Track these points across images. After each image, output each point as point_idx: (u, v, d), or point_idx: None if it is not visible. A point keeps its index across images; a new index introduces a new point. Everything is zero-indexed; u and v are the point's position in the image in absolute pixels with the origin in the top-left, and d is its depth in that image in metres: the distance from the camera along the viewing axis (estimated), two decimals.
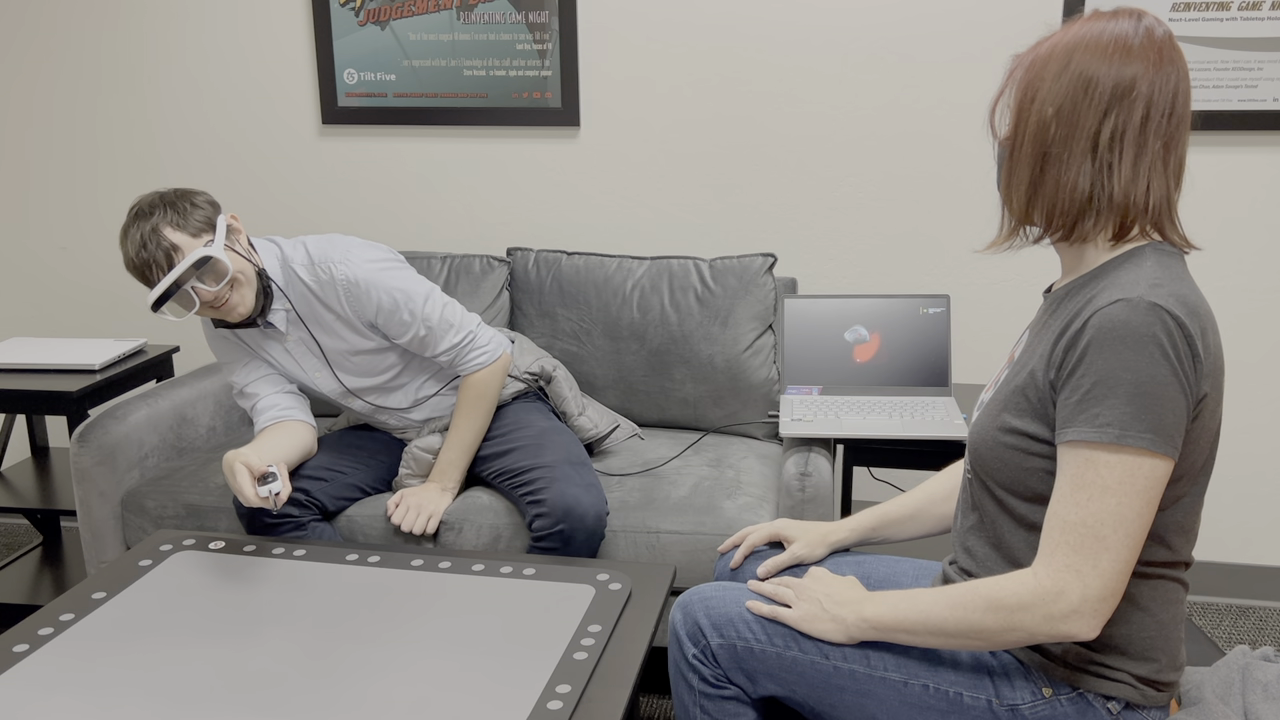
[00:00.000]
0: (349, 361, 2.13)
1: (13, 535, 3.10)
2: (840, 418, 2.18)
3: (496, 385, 2.13)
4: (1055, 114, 1.21)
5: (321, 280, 2.04)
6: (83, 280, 3.03)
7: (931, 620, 1.25)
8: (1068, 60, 1.22)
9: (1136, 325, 1.14)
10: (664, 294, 2.46)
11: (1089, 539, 1.15)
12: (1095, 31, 1.22)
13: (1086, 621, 1.16)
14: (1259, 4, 2.36)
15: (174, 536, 1.88)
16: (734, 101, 2.63)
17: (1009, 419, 1.26)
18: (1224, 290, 2.55)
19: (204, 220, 1.94)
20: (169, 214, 1.90)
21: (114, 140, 2.91)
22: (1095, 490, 1.15)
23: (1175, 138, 1.21)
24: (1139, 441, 1.13)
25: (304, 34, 2.76)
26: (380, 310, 2.04)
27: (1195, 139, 2.48)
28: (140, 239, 1.88)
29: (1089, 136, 1.20)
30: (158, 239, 1.88)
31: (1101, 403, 1.14)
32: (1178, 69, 1.21)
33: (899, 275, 2.67)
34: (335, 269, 2.03)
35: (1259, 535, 2.68)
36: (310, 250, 2.06)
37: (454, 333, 2.09)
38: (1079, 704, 1.26)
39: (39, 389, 2.38)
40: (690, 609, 1.43)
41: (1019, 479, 1.26)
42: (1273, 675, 1.38)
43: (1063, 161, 1.22)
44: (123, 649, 1.51)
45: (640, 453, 2.37)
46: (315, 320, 2.08)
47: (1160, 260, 1.22)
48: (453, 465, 2.12)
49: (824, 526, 1.61)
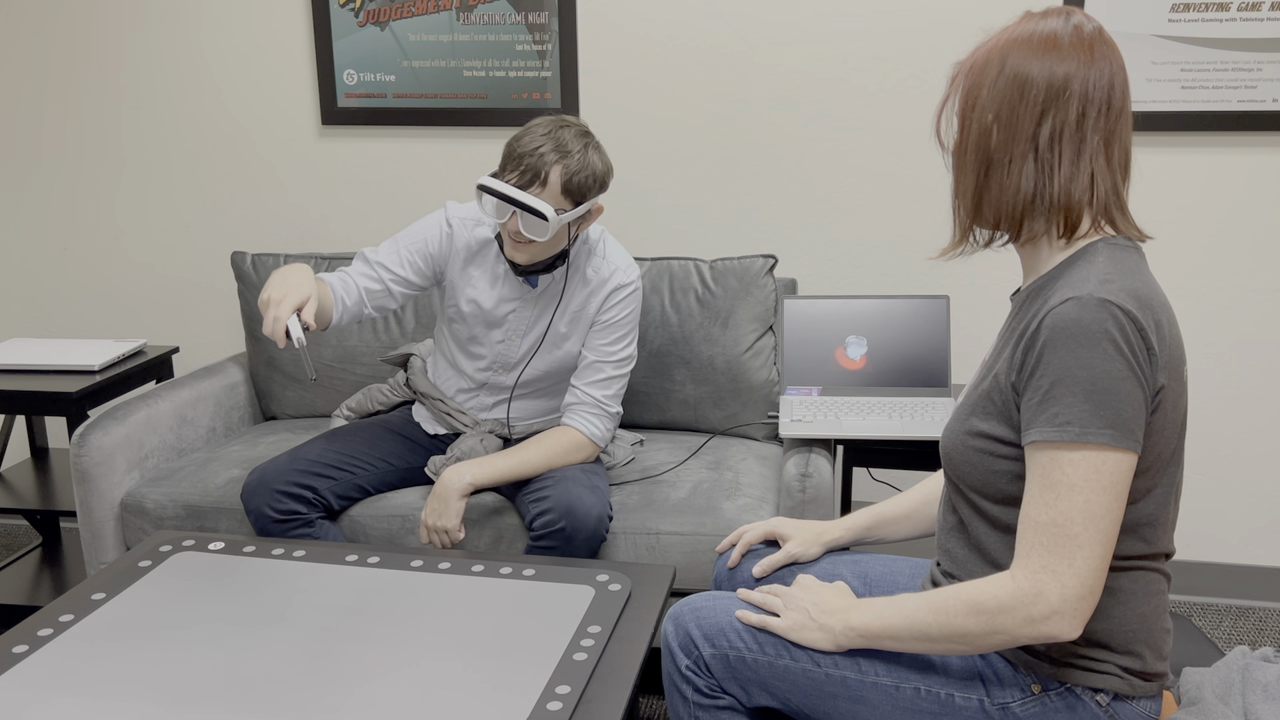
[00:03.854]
0: (550, 351, 2.14)
1: (12, 536, 3.10)
2: (840, 418, 2.18)
3: (579, 457, 2.10)
4: (994, 119, 1.23)
5: (601, 276, 2.10)
6: (83, 280, 3.03)
7: (916, 626, 1.26)
8: (1002, 64, 1.23)
9: (1088, 323, 1.15)
10: (664, 295, 2.46)
11: (1061, 538, 1.16)
12: (1026, 33, 1.24)
13: (1067, 622, 1.16)
14: (1259, 4, 2.36)
15: (174, 537, 1.87)
16: (734, 102, 2.63)
17: (976, 423, 1.28)
18: (1223, 291, 2.55)
19: (583, 190, 1.95)
20: (571, 160, 1.91)
21: (114, 140, 2.91)
22: (1062, 489, 1.16)
23: (1116, 131, 1.23)
24: (1099, 438, 1.14)
25: (304, 34, 2.76)
26: (613, 319, 2.10)
27: (1195, 139, 2.48)
28: (538, 146, 1.90)
29: (1028, 139, 1.22)
30: (543, 163, 1.90)
31: (1060, 402, 1.16)
32: (1110, 63, 1.22)
33: (899, 276, 2.67)
34: (617, 274, 2.10)
35: (1259, 535, 2.68)
36: (609, 250, 2.12)
37: (608, 393, 2.11)
38: (1068, 699, 1.27)
39: (39, 389, 2.38)
40: (681, 620, 1.43)
41: (989, 481, 1.27)
42: (1273, 675, 1.38)
43: (1005, 166, 1.23)
44: (122, 650, 1.51)
45: (640, 459, 2.37)
46: (566, 304, 2.11)
47: (1112, 255, 1.22)
48: (493, 470, 2.02)
49: (819, 525, 1.62)
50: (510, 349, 2.14)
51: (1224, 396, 2.61)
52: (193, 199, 2.92)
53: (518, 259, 2.00)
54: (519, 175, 1.91)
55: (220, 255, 2.95)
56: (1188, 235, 2.53)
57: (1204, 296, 2.56)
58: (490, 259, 2.11)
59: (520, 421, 2.24)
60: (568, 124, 1.95)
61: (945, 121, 1.30)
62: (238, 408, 2.64)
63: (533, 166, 1.90)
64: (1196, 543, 2.71)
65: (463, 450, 2.14)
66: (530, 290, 2.10)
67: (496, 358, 2.15)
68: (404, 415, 2.30)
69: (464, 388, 2.22)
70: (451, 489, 1.97)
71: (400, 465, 2.20)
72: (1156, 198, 2.53)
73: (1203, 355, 2.59)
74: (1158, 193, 2.53)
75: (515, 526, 2.09)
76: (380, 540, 2.13)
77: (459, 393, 2.23)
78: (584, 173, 1.92)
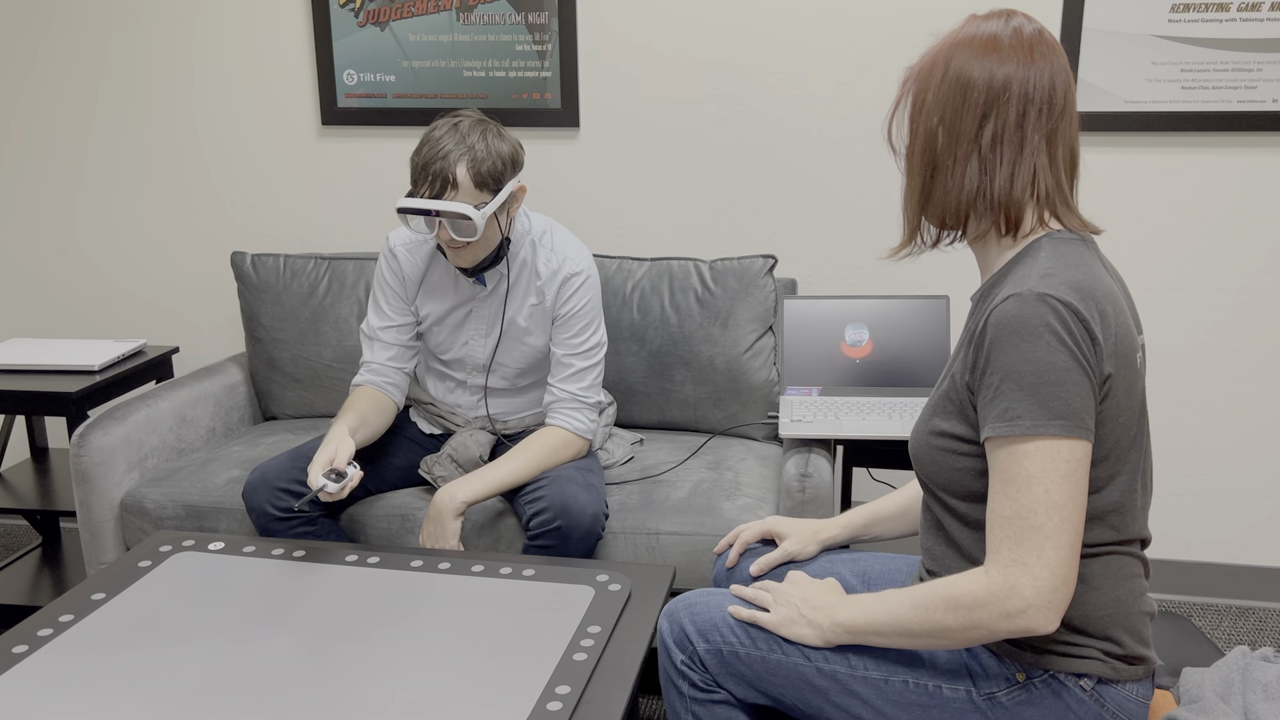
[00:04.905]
0: (514, 347, 2.14)
1: (12, 536, 3.10)
2: (840, 418, 2.18)
3: (569, 454, 2.09)
4: (939, 122, 1.26)
5: (551, 268, 2.09)
6: (82, 280, 3.03)
7: (898, 621, 1.28)
8: (946, 68, 1.26)
9: (1028, 318, 1.18)
10: (664, 295, 2.46)
11: (1027, 530, 1.18)
12: (968, 36, 1.27)
13: (1043, 614, 1.18)
14: (1259, 4, 2.36)
15: (173, 537, 1.87)
16: (734, 102, 2.63)
17: (938, 423, 1.31)
18: (1222, 291, 2.55)
19: (496, 177, 1.94)
20: (474, 152, 1.91)
21: (114, 140, 2.91)
22: (1022, 482, 1.18)
23: (1059, 129, 1.25)
24: (1051, 429, 1.17)
25: (304, 35, 2.76)
26: (570, 311, 2.09)
27: (1195, 139, 2.48)
28: (437, 152, 1.90)
29: (971, 139, 1.25)
30: (446, 166, 1.89)
31: (1009, 397, 1.19)
32: (1051, 63, 1.25)
33: (898, 276, 2.68)
34: (566, 264, 2.09)
35: (1259, 535, 2.68)
36: (556, 240, 2.12)
37: (583, 385, 2.11)
38: (1052, 685, 1.28)
39: (38, 390, 2.38)
40: (676, 616, 1.45)
41: (954, 479, 1.30)
42: (1273, 675, 1.38)
43: (949, 167, 1.26)
44: (122, 650, 1.51)
45: (639, 459, 2.37)
46: (518, 295, 2.11)
47: (1055, 249, 1.25)
48: (483, 485, 2.00)
49: (815, 524, 1.63)
50: (475, 350, 2.16)
51: (1224, 396, 2.61)
52: (193, 199, 2.92)
53: (461, 263, 2.02)
54: (429, 186, 1.91)
55: (220, 255, 2.95)
56: (1188, 235, 2.53)
57: (1203, 297, 2.56)
58: (439, 270, 2.14)
59: (511, 416, 2.25)
60: (460, 118, 1.95)
61: (896, 126, 1.33)
62: (238, 408, 2.64)
63: (439, 173, 1.90)
64: (1196, 543, 2.71)
65: (454, 446, 2.17)
66: (482, 290, 2.12)
67: (465, 360, 2.18)
68: (401, 417, 2.31)
69: (447, 390, 2.25)
70: (445, 510, 1.96)
71: (400, 464, 2.21)
72: (1156, 198, 2.53)
73: (1203, 356, 2.59)
74: (1158, 193, 2.53)
75: (514, 528, 2.09)
76: (380, 540, 2.13)
77: (444, 395, 2.25)
78: (489, 160, 1.92)
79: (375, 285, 2.17)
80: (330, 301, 2.60)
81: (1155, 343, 2.61)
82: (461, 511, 1.96)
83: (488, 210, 1.93)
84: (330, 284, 2.61)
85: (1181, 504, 2.69)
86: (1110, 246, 2.58)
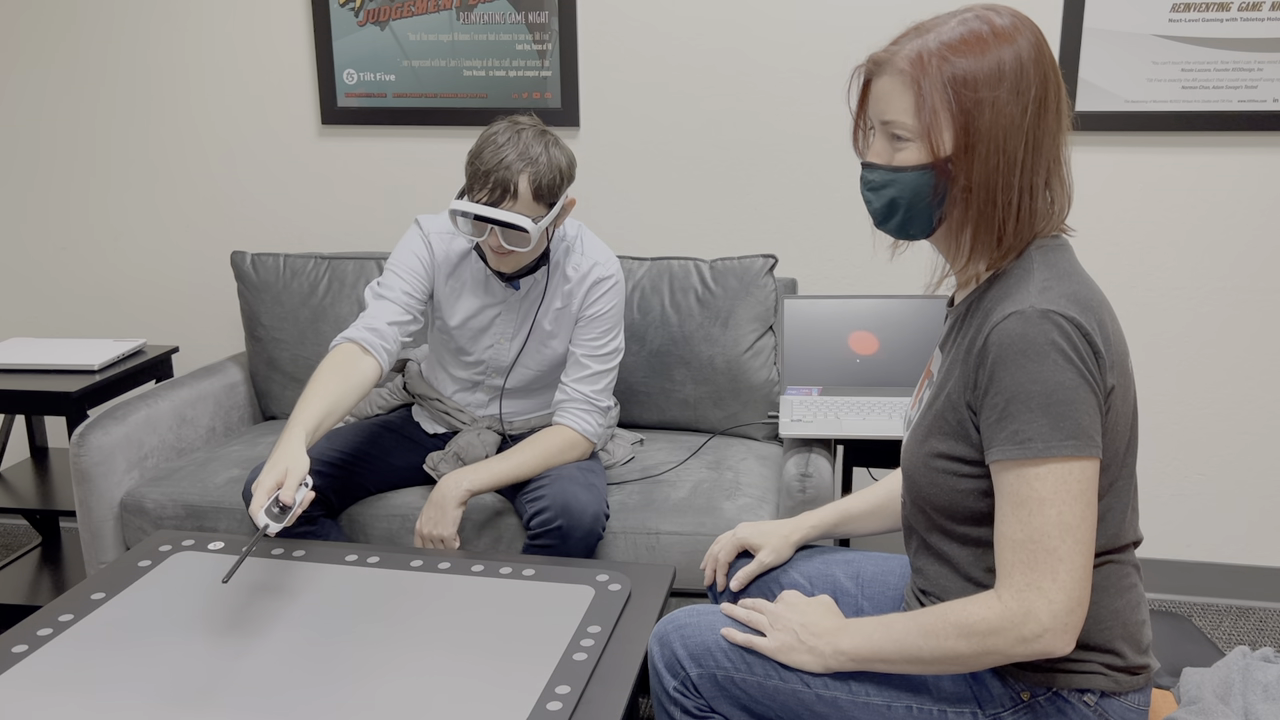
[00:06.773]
0: (538, 350, 2.14)
1: (12, 536, 3.10)
2: (840, 418, 2.18)
3: (574, 455, 2.09)
4: (1006, 136, 1.18)
5: (580, 272, 2.09)
6: (82, 280, 3.03)
7: (907, 649, 1.25)
8: (999, 68, 1.18)
9: (1034, 336, 1.15)
10: (664, 295, 2.46)
11: (1041, 553, 1.15)
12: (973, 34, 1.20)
13: (1059, 638, 1.16)
14: (1259, 4, 2.36)
15: (173, 537, 1.87)
16: (734, 101, 2.63)
17: (936, 444, 1.27)
18: (1223, 292, 2.55)
19: (553, 191, 1.94)
20: (538, 164, 1.90)
21: (114, 140, 2.91)
22: (1034, 504, 1.15)
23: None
24: (1063, 450, 1.14)
25: (303, 34, 2.76)
26: (596, 313, 2.09)
27: (1195, 139, 2.48)
28: (500, 160, 1.88)
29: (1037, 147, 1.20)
30: (509, 175, 1.88)
31: (1018, 419, 1.15)
32: (1017, 45, 1.21)
33: (899, 276, 2.67)
34: (596, 268, 2.09)
35: (1259, 535, 2.68)
36: (586, 244, 2.12)
37: (597, 388, 2.11)
38: (1057, 702, 1.27)
39: (38, 389, 2.38)
40: (666, 639, 1.41)
41: (955, 501, 1.26)
42: (1273, 676, 1.38)
43: (1020, 185, 1.20)
44: (122, 650, 1.50)
45: (640, 459, 2.37)
46: (549, 300, 2.11)
47: (1045, 259, 1.22)
48: (489, 476, 2.01)
49: (785, 527, 1.60)
50: (500, 353, 2.15)
51: (1224, 397, 2.60)
52: (192, 198, 2.92)
53: (504, 269, 2.01)
54: (488, 193, 1.89)
55: (220, 255, 2.95)
56: (1188, 235, 2.53)
57: (1203, 297, 2.56)
58: (469, 268, 2.12)
59: (518, 417, 2.24)
60: (522, 126, 1.93)
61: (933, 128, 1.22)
62: (237, 408, 2.64)
63: (501, 181, 1.88)
64: (1196, 543, 2.71)
65: (460, 445, 2.15)
66: (514, 293, 2.11)
67: (488, 362, 2.16)
68: (404, 416, 2.30)
69: (459, 388, 2.23)
70: (448, 497, 1.95)
71: (401, 464, 2.21)
72: (1157, 198, 2.53)
73: (1204, 357, 2.59)
74: (1158, 193, 2.52)
75: (514, 527, 2.09)
76: (380, 540, 2.13)
77: (455, 393, 2.24)
78: (550, 173, 1.91)
79: (399, 255, 2.08)
80: (330, 301, 2.59)
81: (1155, 342, 2.61)
82: (464, 500, 1.96)
83: (544, 223, 1.93)
84: (330, 283, 2.60)
85: (1181, 504, 2.69)
86: (1110, 246, 2.58)
